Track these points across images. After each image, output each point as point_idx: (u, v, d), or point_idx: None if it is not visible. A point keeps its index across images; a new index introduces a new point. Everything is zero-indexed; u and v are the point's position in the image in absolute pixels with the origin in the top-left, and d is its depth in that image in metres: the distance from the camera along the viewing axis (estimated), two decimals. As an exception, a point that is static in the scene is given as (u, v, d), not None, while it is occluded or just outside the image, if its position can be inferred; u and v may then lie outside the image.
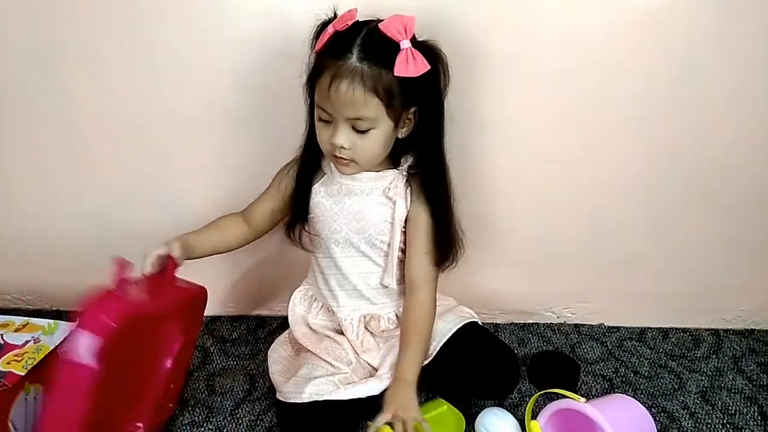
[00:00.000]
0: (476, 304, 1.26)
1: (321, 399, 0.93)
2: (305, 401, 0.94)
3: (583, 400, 0.88)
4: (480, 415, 1.01)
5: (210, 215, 1.08)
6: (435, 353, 1.00)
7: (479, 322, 1.08)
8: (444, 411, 1.03)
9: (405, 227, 1.02)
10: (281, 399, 0.97)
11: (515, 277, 1.26)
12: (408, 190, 1.01)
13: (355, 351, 1.03)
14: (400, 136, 0.96)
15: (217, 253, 1.06)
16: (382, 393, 0.96)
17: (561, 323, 1.29)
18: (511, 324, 1.29)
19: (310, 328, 1.08)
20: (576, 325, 1.29)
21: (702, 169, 1.15)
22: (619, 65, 1.07)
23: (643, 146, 1.14)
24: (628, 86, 1.08)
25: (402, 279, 1.05)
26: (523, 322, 1.29)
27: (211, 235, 1.05)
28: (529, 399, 0.99)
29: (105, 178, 1.20)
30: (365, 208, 1.01)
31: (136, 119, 1.14)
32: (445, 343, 1.01)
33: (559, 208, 1.19)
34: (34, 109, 1.14)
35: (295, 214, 1.05)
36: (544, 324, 1.29)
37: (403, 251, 1.04)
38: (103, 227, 1.24)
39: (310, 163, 1.03)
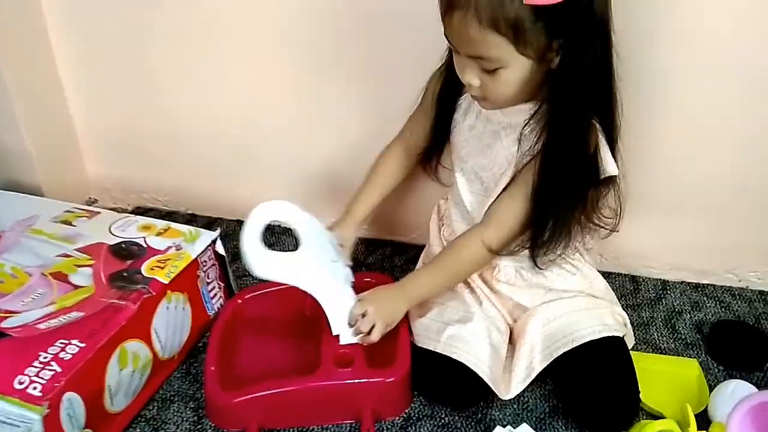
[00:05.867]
0: (642, 256, 1.12)
1: (453, 356, 0.82)
2: (439, 351, 0.83)
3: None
4: None
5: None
6: (558, 355, 0.83)
7: (624, 337, 0.88)
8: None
9: None
10: (412, 341, 0.88)
11: (692, 228, 1.07)
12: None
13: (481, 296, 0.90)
14: (553, 67, 0.75)
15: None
16: None
17: (742, 288, 1.11)
18: (682, 283, 1.12)
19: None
20: (761, 293, 1.10)
21: None
22: None
23: None
24: None
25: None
26: (696, 282, 1.12)
27: (375, 192, 0.98)
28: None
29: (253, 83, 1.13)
30: (496, 141, 0.84)
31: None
32: (573, 349, 0.82)
33: (761, 145, 0.98)
34: (180, 16, 1.09)
35: (435, 135, 0.93)
36: (721, 287, 1.11)
37: None
38: (247, 135, 1.18)
39: (455, 75, 0.83)
